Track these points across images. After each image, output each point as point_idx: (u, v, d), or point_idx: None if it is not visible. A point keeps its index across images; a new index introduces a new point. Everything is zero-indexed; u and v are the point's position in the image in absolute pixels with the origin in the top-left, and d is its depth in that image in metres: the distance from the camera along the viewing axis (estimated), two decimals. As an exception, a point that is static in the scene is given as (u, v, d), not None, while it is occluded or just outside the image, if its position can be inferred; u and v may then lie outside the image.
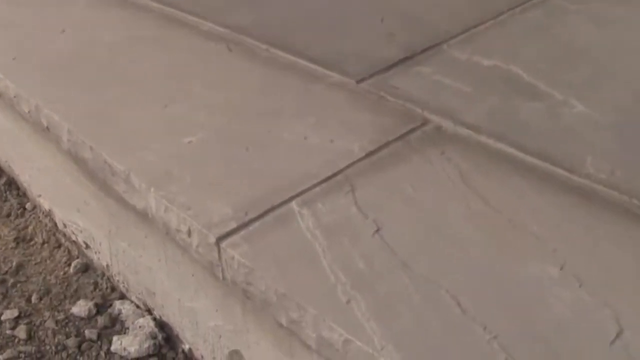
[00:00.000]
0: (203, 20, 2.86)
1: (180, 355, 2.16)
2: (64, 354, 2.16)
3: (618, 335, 1.44)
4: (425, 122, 2.13)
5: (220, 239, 1.72)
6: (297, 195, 1.85)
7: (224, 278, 1.75)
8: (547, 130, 2.08)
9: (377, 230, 1.72)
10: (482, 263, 1.63)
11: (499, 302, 1.53)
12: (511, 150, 2.00)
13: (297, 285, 1.60)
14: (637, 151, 2.00)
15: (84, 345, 2.19)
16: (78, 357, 2.16)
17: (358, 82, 2.35)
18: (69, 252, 2.55)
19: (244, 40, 2.69)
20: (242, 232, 1.74)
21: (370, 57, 2.50)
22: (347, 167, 1.94)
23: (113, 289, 2.39)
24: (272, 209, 1.80)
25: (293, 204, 1.81)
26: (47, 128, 2.30)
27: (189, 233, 1.79)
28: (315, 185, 1.88)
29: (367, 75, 2.38)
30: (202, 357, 2.09)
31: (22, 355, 2.16)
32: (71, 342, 2.19)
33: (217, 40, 2.70)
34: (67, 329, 2.25)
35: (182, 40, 2.74)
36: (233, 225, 1.75)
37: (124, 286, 2.35)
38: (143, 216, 1.99)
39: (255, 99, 2.29)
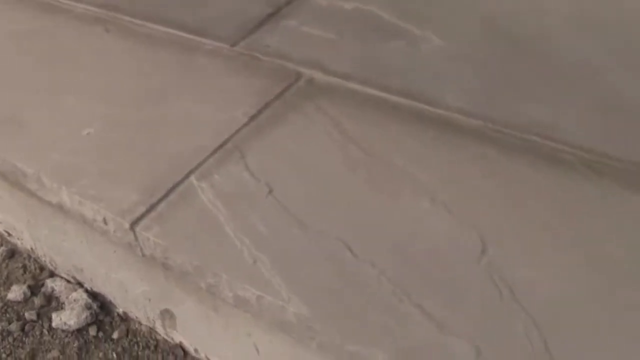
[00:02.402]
0: (76, 2, 2.92)
1: (117, 319, 2.34)
2: (9, 339, 2.31)
3: (483, 252, 1.71)
4: (298, 76, 2.32)
5: (133, 224, 1.89)
6: (194, 169, 2.02)
7: (143, 255, 1.93)
8: (408, 68, 2.29)
9: (270, 192, 1.93)
10: (364, 207, 1.85)
11: (382, 240, 1.76)
12: (378, 93, 2.21)
13: (209, 255, 1.79)
14: (489, 79, 2.23)
15: (26, 327, 2.34)
16: (24, 339, 2.31)
17: (232, 45, 2.50)
18: (-7, 241, 2.64)
19: (119, 19, 2.77)
20: (152, 214, 1.91)
21: (240, 18, 2.65)
22: (234, 134, 2.12)
23: (42, 268, 2.54)
24: (174, 187, 1.97)
25: (192, 179, 1.99)
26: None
27: (105, 222, 1.95)
28: (208, 157, 2.05)
29: (239, 37, 2.53)
30: (136, 317, 2.29)
31: (-31, 348, 2.28)
32: (14, 326, 2.34)
33: (93, 22, 2.78)
34: (7, 315, 2.39)
35: (59, 28, 2.79)
36: (142, 209, 1.92)
37: (51, 265, 2.50)
38: (59, 208, 2.12)
39: (139, 80, 2.42)
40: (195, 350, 2.17)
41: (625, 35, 2.35)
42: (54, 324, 2.32)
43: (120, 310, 2.34)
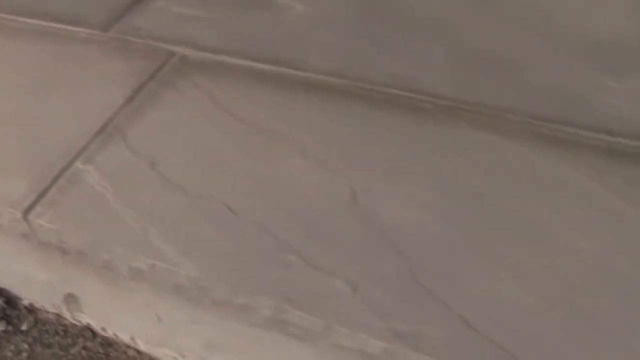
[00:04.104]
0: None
1: (24, 311, 2.38)
2: None
3: (353, 198, 1.86)
4: (171, 55, 2.41)
5: (25, 212, 1.96)
6: (79, 154, 2.09)
7: (39, 242, 2.00)
8: (274, 36, 2.41)
9: (153, 166, 2.02)
10: (243, 170, 1.98)
11: (261, 198, 1.89)
12: (248, 63, 2.33)
13: (101, 233, 1.88)
14: (352, 40, 2.37)
15: (-63, 333, 2.33)
16: (-64, 345, 2.30)
17: (104, 31, 2.56)
18: None
19: (-10, 15, 2.77)
20: (42, 201, 1.97)
21: (109, 3, 2.71)
22: (114, 116, 2.19)
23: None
24: (61, 173, 2.04)
25: (78, 164, 2.07)
26: None
27: (-2, 214, 2.03)
28: (91, 141, 2.12)
29: (111, 23, 2.60)
30: (43, 306, 2.36)
31: None
32: None
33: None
34: None
35: None
36: (33, 197, 1.98)
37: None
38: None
39: (15, 74, 2.46)
40: (103, 329, 2.26)
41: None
42: (-37, 325, 2.34)
43: (26, 302, 2.38)
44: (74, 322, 2.30)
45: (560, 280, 1.66)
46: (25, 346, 2.31)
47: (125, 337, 2.20)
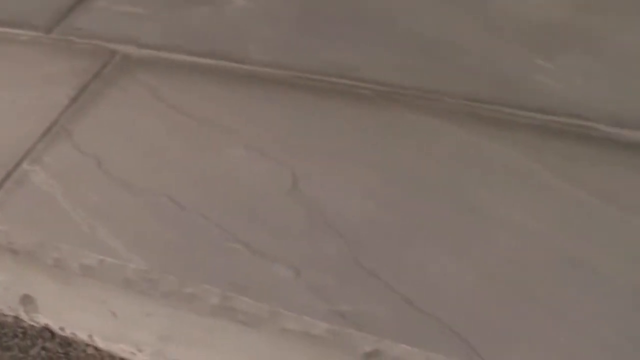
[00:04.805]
0: None
1: None
2: None
3: (295, 185, 1.91)
4: (113, 54, 2.43)
5: (-26, 214, 1.98)
6: (26, 155, 2.11)
7: (-11, 245, 2.04)
8: (215, 31, 2.44)
9: (99, 164, 2.05)
10: (188, 164, 2.01)
11: (205, 189, 1.93)
12: (190, 58, 2.36)
13: (50, 232, 1.91)
14: (292, 31, 2.41)
15: None
16: None
17: (46, 33, 2.57)
18: None
19: None
20: (-9, 203, 2.01)
21: (51, 5, 2.71)
22: (59, 116, 2.21)
23: None
24: (8, 175, 2.06)
25: (24, 165, 2.09)
26: None
27: (-55, 220, 2.04)
28: (37, 142, 2.14)
29: (53, 24, 2.61)
30: (1, 310, 2.38)
31: None
32: None
33: None
34: None
35: None
36: (-19, 199, 2.02)
37: None
38: None
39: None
40: (61, 329, 2.27)
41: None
42: None
43: (-16, 308, 2.39)
44: (32, 323, 2.31)
45: (500, 257, 1.72)
46: (-16, 351, 2.33)
47: (83, 336, 2.22)
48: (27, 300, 2.24)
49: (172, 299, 1.79)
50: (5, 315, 2.34)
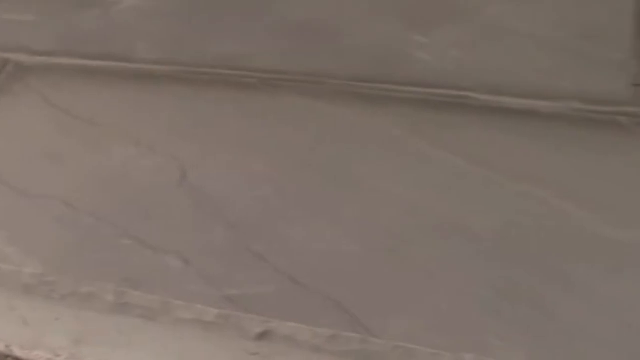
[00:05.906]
0: None
1: None
2: None
3: (183, 177, 1.97)
4: (5, 63, 2.46)
5: None
6: None
7: None
8: (104, 32, 2.47)
9: (-7, 175, 2.10)
10: (80, 166, 2.05)
11: (98, 190, 1.98)
12: (81, 62, 2.39)
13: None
14: (179, 27, 2.45)
15: None
16: None
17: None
18: None
19: None
20: None
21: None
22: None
23: None
24: None
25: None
26: None
27: None
28: None
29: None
30: None
31: None
32: None
33: None
34: None
35: None
36: None
37: None
38: None
39: None
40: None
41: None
42: None
43: None
44: (-53, 339, 2.34)
45: (380, 228, 1.80)
46: None
47: (0, 346, 2.25)
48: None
49: (73, 300, 1.84)
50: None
